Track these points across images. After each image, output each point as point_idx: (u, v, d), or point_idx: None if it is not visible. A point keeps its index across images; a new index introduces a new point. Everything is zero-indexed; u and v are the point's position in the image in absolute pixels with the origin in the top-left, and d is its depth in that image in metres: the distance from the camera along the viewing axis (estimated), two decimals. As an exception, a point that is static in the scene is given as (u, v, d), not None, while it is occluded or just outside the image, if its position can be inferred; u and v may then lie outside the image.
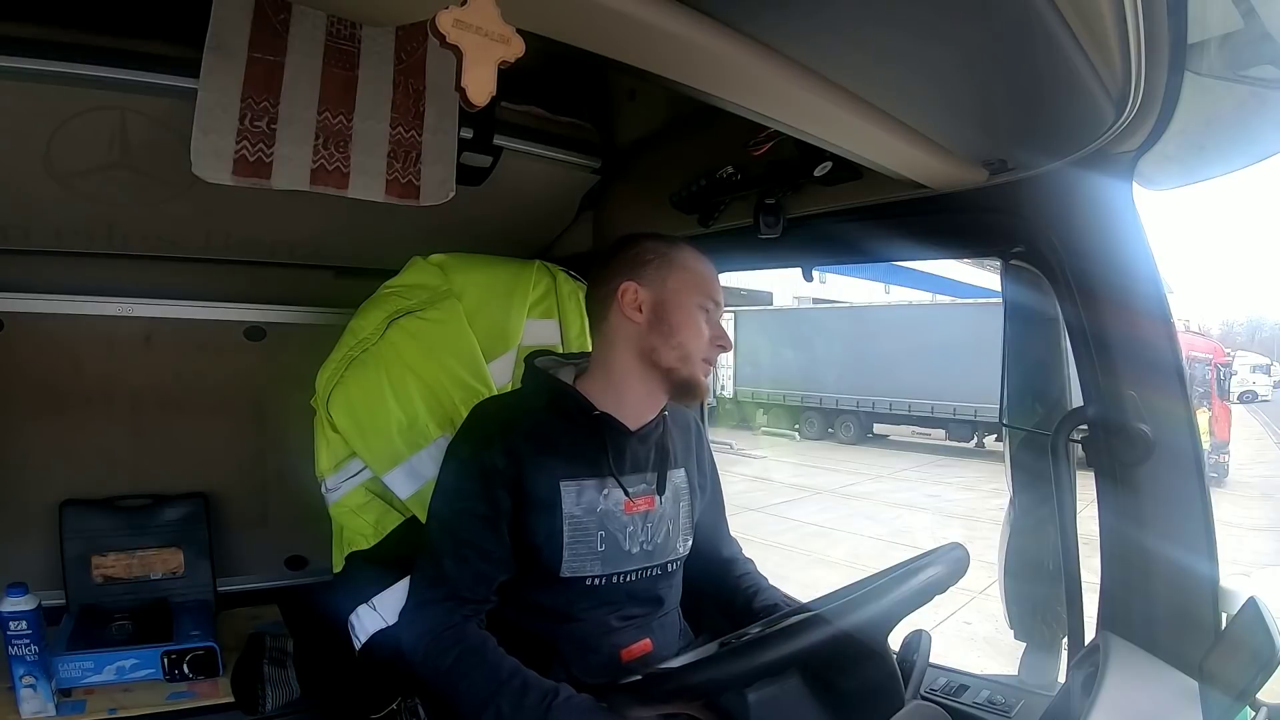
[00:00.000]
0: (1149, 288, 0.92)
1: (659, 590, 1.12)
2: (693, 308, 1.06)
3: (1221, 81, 0.76)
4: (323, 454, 1.27)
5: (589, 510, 1.04)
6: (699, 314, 1.06)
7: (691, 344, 1.05)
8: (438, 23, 0.51)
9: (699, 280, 1.08)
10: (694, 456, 1.21)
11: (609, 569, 1.05)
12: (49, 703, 1.28)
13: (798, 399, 12.45)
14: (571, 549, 1.03)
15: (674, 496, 1.13)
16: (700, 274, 1.09)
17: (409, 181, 1.13)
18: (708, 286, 1.09)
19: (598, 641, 1.05)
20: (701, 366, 1.07)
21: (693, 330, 1.06)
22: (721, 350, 1.08)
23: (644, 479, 1.09)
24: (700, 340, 1.06)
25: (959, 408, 10.41)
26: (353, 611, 1.18)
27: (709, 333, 1.07)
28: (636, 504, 1.07)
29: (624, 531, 1.06)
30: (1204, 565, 0.91)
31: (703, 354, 1.06)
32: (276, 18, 0.99)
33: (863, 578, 0.96)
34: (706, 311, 1.07)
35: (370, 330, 1.29)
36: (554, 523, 1.02)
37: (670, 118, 1.45)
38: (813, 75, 0.73)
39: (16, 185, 1.19)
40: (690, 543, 1.16)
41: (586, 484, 1.05)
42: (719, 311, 1.10)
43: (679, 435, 1.18)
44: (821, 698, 0.83)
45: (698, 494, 1.19)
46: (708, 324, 1.07)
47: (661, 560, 1.11)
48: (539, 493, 1.03)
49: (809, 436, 12.42)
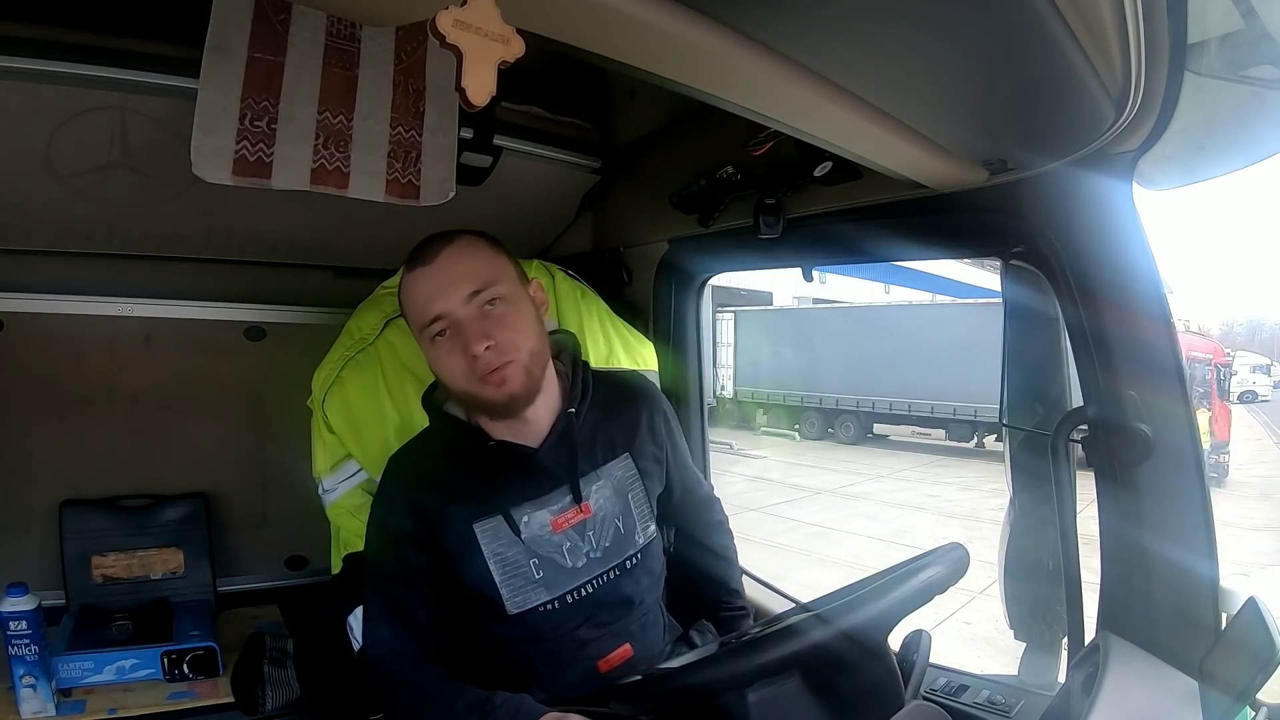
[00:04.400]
0: (1149, 288, 0.92)
1: (625, 590, 1.05)
2: (427, 346, 0.97)
3: (1221, 81, 0.76)
4: (319, 455, 1.27)
5: (512, 543, 1.00)
6: (434, 346, 0.96)
7: (450, 380, 0.97)
8: (437, 23, 0.51)
9: (411, 312, 0.98)
10: (645, 430, 1.13)
11: (556, 591, 1.01)
12: (49, 703, 1.28)
13: (797, 399, 12.44)
14: (509, 585, 1.00)
15: (615, 491, 1.06)
16: (410, 302, 0.98)
17: (409, 181, 1.13)
18: (419, 312, 0.96)
19: (572, 657, 1.02)
20: (481, 388, 0.95)
21: (440, 367, 0.98)
22: (475, 359, 0.93)
23: (565, 492, 1.03)
24: (452, 371, 0.96)
25: (959, 408, 10.41)
26: (350, 613, 1.18)
27: (458, 354, 0.94)
28: (564, 520, 1.02)
29: (560, 550, 1.02)
30: (1204, 565, 0.91)
31: (465, 381, 0.95)
32: (276, 18, 0.99)
33: (862, 578, 0.96)
34: (440, 337, 0.95)
35: (367, 331, 1.28)
36: (479, 566, 0.99)
37: (670, 118, 1.45)
38: (813, 75, 0.73)
39: (16, 185, 1.19)
40: (653, 528, 1.10)
41: (499, 519, 1.00)
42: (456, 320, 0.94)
43: (621, 416, 1.11)
44: (821, 698, 0.83)
45: (655, 473, 1.13)
46: (450, 349, 0.95)
47: (618, 560, 1.05)
48: (454, 543, 1.00)
49: (809, 436, 12.42)
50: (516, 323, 0.97)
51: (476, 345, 0.92)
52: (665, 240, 1.54)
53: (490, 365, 0.94)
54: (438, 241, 0.99)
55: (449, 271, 0.96)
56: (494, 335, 0.94)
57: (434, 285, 0.95)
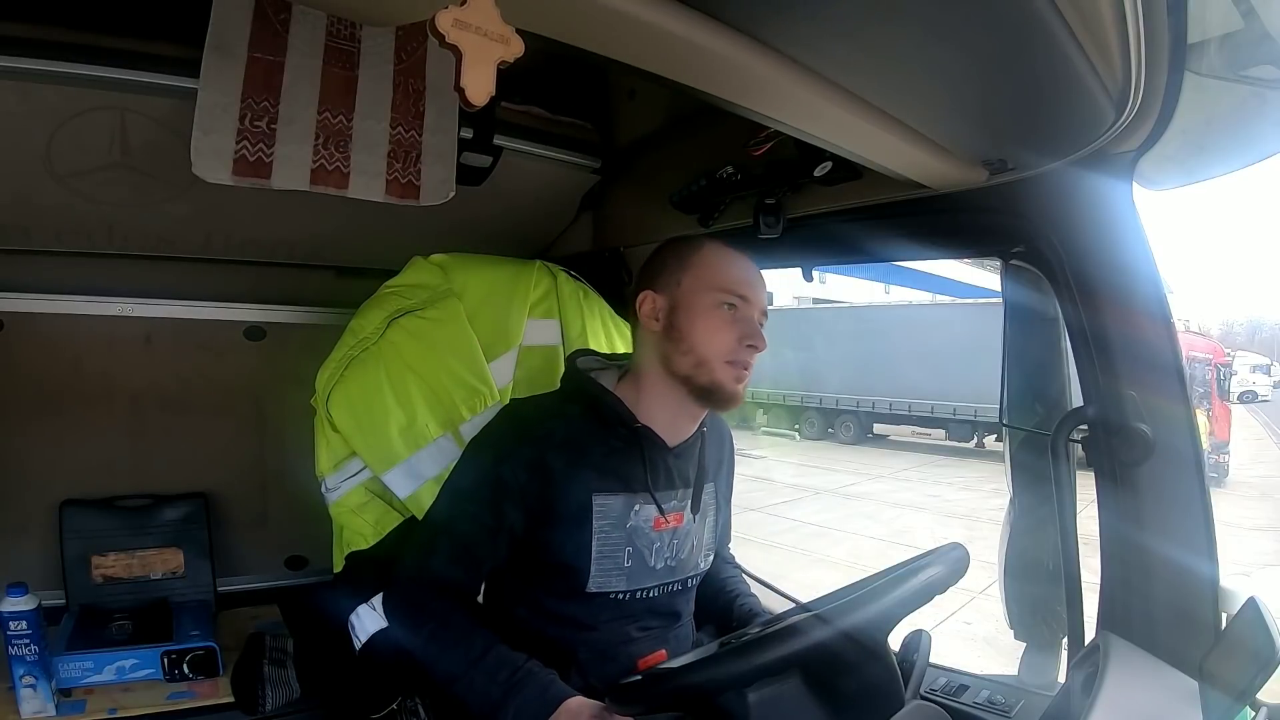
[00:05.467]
0: (1149, 288, 0.92)
1: (677, 605, 1.11)
2: (707, 307, 1.00)
3: (1221, 81, 0.76)
4: (322, 454, 1.27)
5: (618, 525, 1.02)
6: (715, 313, 1.00)
7: (705, 347, 0.99)
8: (437, 22, 0.51)
9: (716, 275, 1.01)
10: (724, 468, 1.19)
11: (633, 585, 1.04)
12: (49, 703, 1.28)
13: (798, 399, 12.44)
14: (599, 564, 1.01)
15: (703, 513, 1.11)
16: (717, 268, 1.02)
17: (409, 181, 1.14)
18: (726, 280, 1.01)
19: (616, 651, 1.05)
20: (725, 370, 0.99)
21: (706, 331, 0.99)
22: (753, 350, 0.99)
23: (677, 495, 1.07)
24: (717, 341, 0.99)
25: (959, 408, 10.41)
26: (353, 611, 1.18)
27: (735, 332, 0.99)
28: (667, 521, 1.05)
29: (650, 548, 1.05)
30: (1204, 565, 0.91)
31: (724, 356, 0.99)
32: (276, 18, 0.99)
33: (863, 578, 0.96)
34: (727, 308, 1.00)
35: (370, 330, 1.28)
36: (584, 537, 1.00)
37: (670, 118, 1.45)
38: (813, 75, 0.73)
39: (16, 185, 1.20)
40: (711, 558, 1.15)
41: (618, 498, 1.02)
42: (750, 308, 1.01)
43: (714, 447, 1.16)
44: (821, 698, 0.83)
45: (723, 510, 1.18)
46: (731, 322, 1.00)
47: (683, 576, 1.10)
48: (569, 507, 1.00)
49: (809, 436, 12.42)
50: None
51: (761, 343, 1.00)
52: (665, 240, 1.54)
53: (747, 362, 1.01)
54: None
55: (761, 282, 1.05)
56: (761, 346, 1.01)
57: (752, 278, 1.03)
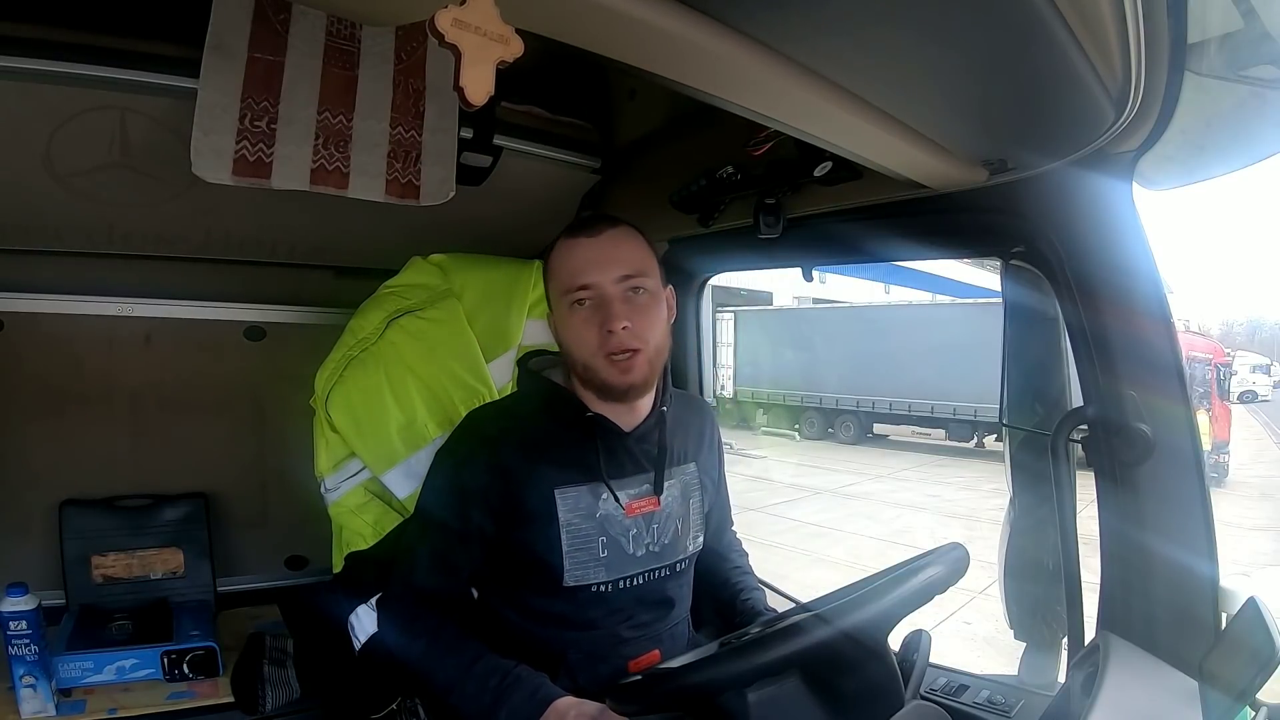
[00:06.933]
0: (1149, 288, 0.92)
1: (668, 591, 1.09)
2: (563, 313, 0.99)
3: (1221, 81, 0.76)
4: (322, 454, 1.27)
5: (587, 516, 1.02)
6: (571, 316, 0.98)
7: (577, 351, 0.98)
8: (436, 22, 0.51)
9: (559, 278, 0.99)
10: (707, 446, 1.18)
11: (614, 574, 1.03)
12: (49, 703, 1.28)
13: (798, 399, 12.43)
14: (573, 557, 1.01)
15: (681, 493, 1.10)
16: (557, 271, 1.00)
17: (409, 181, 1.14)
18: (565, 278, 0.98)
19: (607, 652, 1.04)
20: (605, 366, 0.96)
21: (571, 338, 0.99)
22: (613, 335, 0.95)
23: (643, 480, 1.07)
24: (581, 344, 0.97)
25: (959, 408, 10.40)
26: (352, 612, 1.18)
27: (593, 326, 0.96)
28: (637, 506, 1.05)
29: (627, 535, 1.04)
30: (1204, 565, 0.91)
31: (595, 353, 0.97)
32: (276, 18, 0.99)
33: (863, 578, 0.96)
34: (577, 306, 0.97)
35: (370, 330, 1.29)
36: (552, 531, 1.00)
37: (670, 118, 1.45)
38: (813, 75, 0.72)
39: (16, 185, 1.19)
40: (701, 539, 1.14)
41: (582, 489, 1.02)
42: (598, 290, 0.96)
43: (691, 427, 1.15)
44: (821, 698, 0.83)
45: (709, 488, 1.17)
46: (586, 319, 0.97)
47: (670, 560, 1.08)
48: (532, 504, 1.00)
49: (809, 436, 12.41)
50: (653, 316, 1.00)
51: (615, 323, 0.95)
52: (665, 240, 1.54)
53: (621, 345, 0.96)
54: (605, 220, 1.02)
55: (610, 250, 0.98)
56: (632, 319, 0.96)
57: (591, 257, 0.98)
